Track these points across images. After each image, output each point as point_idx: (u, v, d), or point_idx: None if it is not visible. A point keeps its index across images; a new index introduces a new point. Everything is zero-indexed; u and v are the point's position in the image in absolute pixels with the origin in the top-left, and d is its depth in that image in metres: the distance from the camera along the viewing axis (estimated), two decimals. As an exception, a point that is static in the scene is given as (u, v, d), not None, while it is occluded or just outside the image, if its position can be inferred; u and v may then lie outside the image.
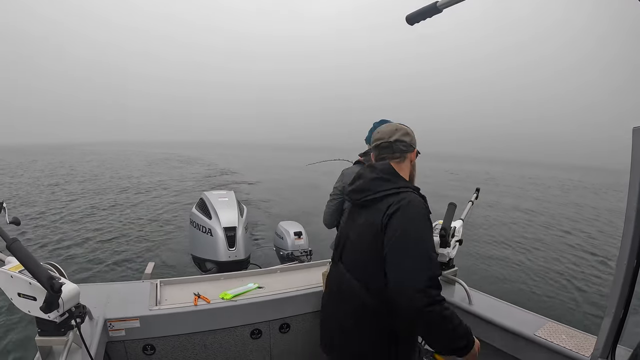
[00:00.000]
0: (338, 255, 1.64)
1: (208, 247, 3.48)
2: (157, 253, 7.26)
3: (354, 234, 1.54)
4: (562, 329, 1.96)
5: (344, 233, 1.64)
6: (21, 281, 1.45)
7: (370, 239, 1.42)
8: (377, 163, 1.59)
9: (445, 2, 1.11)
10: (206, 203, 3.71)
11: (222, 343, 2.36)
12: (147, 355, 2.21)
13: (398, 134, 1.59)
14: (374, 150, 1.64)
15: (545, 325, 2.00)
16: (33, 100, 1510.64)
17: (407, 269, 1.28)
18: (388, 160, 1.58)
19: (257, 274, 2.87)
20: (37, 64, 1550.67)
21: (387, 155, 1.59)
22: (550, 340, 1.85)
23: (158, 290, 2.42)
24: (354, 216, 1.60)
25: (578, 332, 1.92)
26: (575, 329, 1.96)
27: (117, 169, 24.73)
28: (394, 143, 1.58)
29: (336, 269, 1.65)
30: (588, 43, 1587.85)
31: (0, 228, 1.47)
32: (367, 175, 1.54)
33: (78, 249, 7.76)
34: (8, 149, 54.79)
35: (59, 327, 1.53)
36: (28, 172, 20.91)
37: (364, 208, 1.52)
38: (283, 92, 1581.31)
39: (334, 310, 1.65)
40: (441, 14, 1.18)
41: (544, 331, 1.93)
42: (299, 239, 3.72)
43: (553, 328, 1.96)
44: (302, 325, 2.59)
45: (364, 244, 1.47)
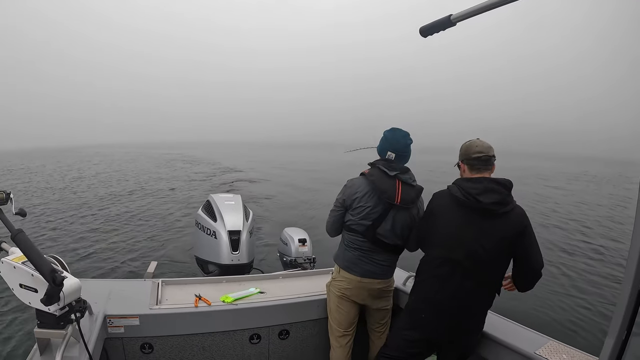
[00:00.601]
0: (462, 257, 1.83)
1: (212, 249, 3.47)
2: (161, 253, 7.27)
3: (487, 242, 1.79)
4: (563, 348, 1.94)
5: (467, 237, 1.82)
6: (24, 272, 1.45)
7: (506, 245, 1.79)
8: (503, 179, 1.84)
9: (459, 16, 1.11)
10: (212, 205, 3.71)
11: (221, 346, 2.35)
12: (145, 353, 2.20)
13: (493, 150, 1.90)
14: (473, 161, 1.89)
15: (546, 344, 1.97)
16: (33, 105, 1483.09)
17: (538, 257, 1.81)
18: (483, 172, 1.88)
19: (259, 278, 2.86)
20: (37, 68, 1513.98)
21: (483, 167, 1.88)
22: (551, 359, 1.83)
23: (159, 289, 2.42)
24: (480, 224, 1.81)
25: (579, 352, 1.90)
26: (576, 349, 1.94)
27: (124, 170, 24.92)
28: (492, 157, 1.88)
29: (453, 268, 1.86)
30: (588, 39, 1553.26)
31: (6, 218, 1.48)
32: (501, 190, 1.81)
33: (82, 243, 7.82)
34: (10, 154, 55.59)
35: (59, 321, 1.52)
36: (38, 176, 21.10)
37: (495, 218, 1.79)
38: (283, 92, 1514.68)
39: (458, 303, 1.88)
40: (455, 27, 1.18)
41: (545, 350, 1.91)
42: (303, 246, 3.70)
43: (554, 347, 1.94)
44: (301, 333, 2.56)
45: (496, 249, 1.80)
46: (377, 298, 2.39)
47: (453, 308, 1.89)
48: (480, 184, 1.82)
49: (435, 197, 2.01)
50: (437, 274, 1.90)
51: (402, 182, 2.19)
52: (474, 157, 1.88)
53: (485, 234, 1.79)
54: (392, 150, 2.20)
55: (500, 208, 1.78)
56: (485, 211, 1.79)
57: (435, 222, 1.93)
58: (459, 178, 1.96)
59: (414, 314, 2.02)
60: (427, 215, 2.04)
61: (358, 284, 2.30)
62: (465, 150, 1.94)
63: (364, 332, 2.57)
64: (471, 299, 1.88)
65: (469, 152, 1.91)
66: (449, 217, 1.88)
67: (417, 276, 2.07)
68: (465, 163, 1.93)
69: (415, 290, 2.07)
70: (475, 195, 1.79)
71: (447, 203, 1.90)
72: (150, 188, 16.29)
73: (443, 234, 1.89)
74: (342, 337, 2.41)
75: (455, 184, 1.91)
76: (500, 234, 1.79)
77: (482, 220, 1.80)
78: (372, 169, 2.25)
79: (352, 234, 2.27)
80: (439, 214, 1.92)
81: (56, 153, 54.31)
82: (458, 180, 1.94)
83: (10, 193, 1.53)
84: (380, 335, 2.51)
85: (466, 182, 1.87)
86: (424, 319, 1.95)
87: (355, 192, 2.21)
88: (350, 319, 2.40)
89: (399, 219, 2.22)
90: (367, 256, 2.27)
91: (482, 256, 1.80)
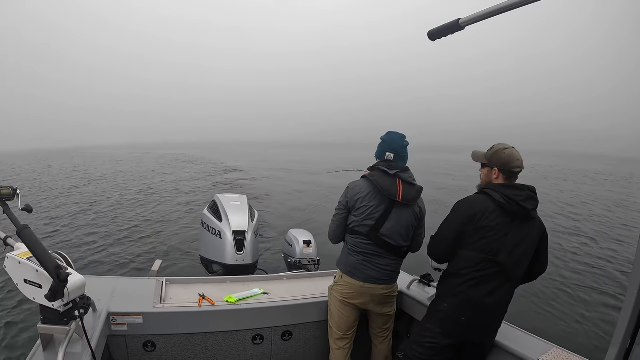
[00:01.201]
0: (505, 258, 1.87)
1: (216, 249, 3.47)
2: (166, 251, 7.29)
3: (524, 243, 1.90)
4: (566, 355, 1.93)
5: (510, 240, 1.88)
6: (28, 268, 1.46)
7: (534, 246, 1.93)
8: (532, 187, 1.93)
9: (467, 20, 1.11)
10: (218, 205, 3.71)
11: (223, 346, 2.35)
12: (148, 351, 2.20)
13: None
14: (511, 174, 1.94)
15: (549, 350, 1.96)
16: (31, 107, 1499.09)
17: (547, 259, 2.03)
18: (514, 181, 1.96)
19: (263, 279, 2.85)
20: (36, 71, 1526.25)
21: (513, 178, 1.95)
22: None
23: (163, 288, 2.42)
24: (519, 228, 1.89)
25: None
26: (580, 356, 1.93)
27: (129, 170, 25.07)
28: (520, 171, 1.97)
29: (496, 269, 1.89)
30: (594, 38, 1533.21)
31: (13, 214, 1.49)
32: (536, 197, 1.92)
33: (88, 240, 7.87)
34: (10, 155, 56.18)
35: (62, 317, 1.53)
36: (43, 177, 21.27)
37: (529, 222, 1.91)
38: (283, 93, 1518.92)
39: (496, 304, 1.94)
40: (463, 31, 1.17)
41: (548, 357, 1.90)
42: (307, 247, 3.70)
43: (557, 354, 1.93)
44: (304, 334, 2.56)
45: (530, 250, 1.93)
46: (380, 304, 2.37)
47: (492, 310, 1.94)
48: (523, 191, 1.90)
49: (473, 201, 1.98)
50: (479, 277, 1.90)
51: (402, 180, 2.22)
52: (515, 172, 1.94)
53: (523, 237, 1.90)
54: (390, 150, 2.26)
55: (535, 213, 1.92)
56: (526, 217, 1.89)
57: (482, 225, 1.90)
58: (494, 184, 1.96)
59: (450, 320, 1.97)
60: (463, 219, 1.96)
61: (360, 289, 2.29)
62: (506, 161, 1.94)
63: (365, 335, 2.56)
64: (506, 299, 1.96)
65: (510, 164, 1.93)
66: (491, 221, 1.88)
67: (452, 279, 2.00)
68: (504, 173, 1.96)
69: (450, 295, 2.00)
70: (520, 202, 1.86)
71: (488, 208, 1.90)
72: (156, 187, 16.38)
73: (487, 237, 1.89)
74: (340, 340, 2.41)
75: (495, 190, 1.91)
76: (533, 236, 1.93)
77: (521, 224, 1.89)
78: (372, 171, 2.28)
79: (356, 236, 2.26)
80: (482, 218, 1.90)
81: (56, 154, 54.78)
82: (496, 186, 1.93)
83: (17, 189, 1.54)
84: (382, 340, 2.51)
85: (508, 189, 1.90)
86: (464, 322, 1.93)
87: (358, 193, 2.23)
88: (350, 323, 2.40)
89: (401, 218, 2.23)
90: (370, 261, 2.26)
91: (519, 258, 1.90)
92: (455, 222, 1.99)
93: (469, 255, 1.94)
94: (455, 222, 1.99)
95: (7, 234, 1.61)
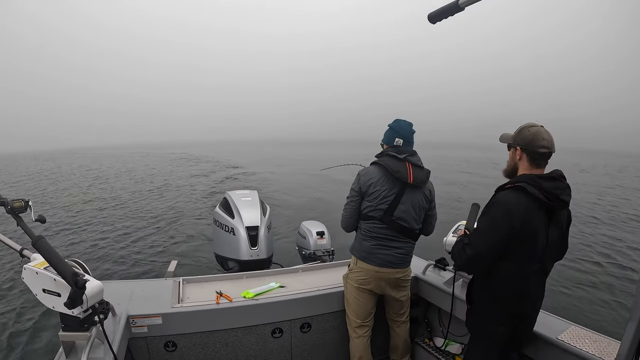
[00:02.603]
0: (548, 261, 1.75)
1: (230, 246, 3.50)
2: (181, 251, 7.36)
3: (558, 233, 1.74)
4: (585, 333, 1.91)
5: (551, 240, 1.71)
6: (46, 277, 1.48)
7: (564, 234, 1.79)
8: (561, 172, 1.73)
9: (467, 0, 1.08)
10: (229, 202, 3.73)
11: (243, 341, 2.36)
12: (169, 351, 2.23)
13: None
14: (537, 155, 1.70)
15: (568, 329, 1.95)
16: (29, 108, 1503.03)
17: None
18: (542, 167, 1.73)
19: (279, 273, 2.86)
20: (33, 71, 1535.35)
21: (544, 163, 1.73)
22: (573, 344, 1.80)
23: (180, 288, 2.44)
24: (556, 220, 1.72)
25: (601, 337, 1.87)
26: (599, 333, 1.91)
27: (136, 171, 25.31)
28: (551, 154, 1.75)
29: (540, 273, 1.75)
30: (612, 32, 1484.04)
31: (26, 225, 1.50)
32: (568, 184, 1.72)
33: (102, 246, 7.97)
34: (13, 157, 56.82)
35: (82, 323, 1.55)
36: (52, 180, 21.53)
37: (562, 212, 1.74)
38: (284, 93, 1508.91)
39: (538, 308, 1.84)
40: (463, 12, 1.15)
41: (566, 335, 1.88)
42: (321, 238, 3.70)
43: (576, 332, 1.91)
44: (323, 325, 2.57)
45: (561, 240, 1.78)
46: (395, 288, 2.39)
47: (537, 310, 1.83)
48: (561, 182, 1.69)
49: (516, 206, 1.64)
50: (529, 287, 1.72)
51: (412, 163, 2.25)
52: (541, 153, 1.68)
53: (558, 229, 1.74)
54: (399, 137, 2.29)
55: None
56: (562, 208, 1.72)
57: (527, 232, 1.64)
58: (531, 175, 1.69)
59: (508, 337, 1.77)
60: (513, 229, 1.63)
61: (375, 274, 2.31)
62: (530, 139, 1.69)
63: (383, 322, 2.56)
64: (543, 293, 1.82)
65: (535, 143, 1.68)
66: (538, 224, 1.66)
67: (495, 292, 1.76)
68: (527, 154, 1.71)
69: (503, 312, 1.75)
70: (560, 196, 1.65)
71: (533, 209, 1.64)
72: (166, 187, 16.50)
73: (535, 244, 1.66)
74: (359, 328, 2.43)
75: (529, 182, 1.65)
76: (565, 225, 1.79)
77: (557, 216, 1.72)
78: (382, 157, 2.31)
79: (370, 222, 2.29)
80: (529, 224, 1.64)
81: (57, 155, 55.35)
82: (533, 178, 1.66)
83: (29, 201, 1.55)
84: (400, 325, 2.52)
85: (547, 181, 1.66)
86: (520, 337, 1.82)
87: (371, 178, 2.26)
88: (367, 310, 2.42)
89: (414, 200, 2.27)
90: (384, 245, 2.28)
91: (554, 251, 1.78)
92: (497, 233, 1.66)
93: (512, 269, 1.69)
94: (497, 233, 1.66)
95: (22, 246, 1.63)
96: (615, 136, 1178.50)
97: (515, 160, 1.78)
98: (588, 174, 22.64)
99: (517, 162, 1.77)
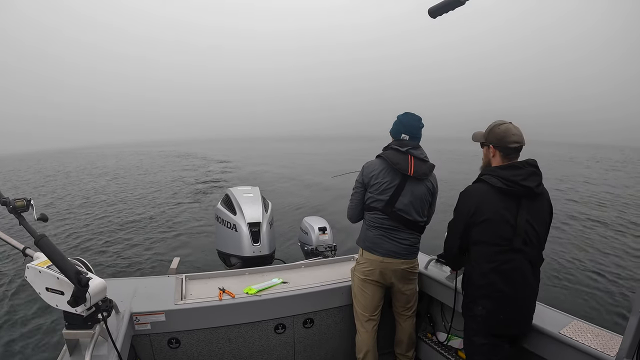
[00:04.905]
0: (520, 244, 1.77)
1: (233, 242, 3.49)
2: (183, 248, 7.39)
3: (536, 222, 1.80)
4: (587, 327, 1.91)
5: (520, 224, 1.77)
6: (49, 276, 1.48)
7: (547, 221, 1.85)
8: (533, 160, 1.84)
9: None
10: (231, 199, 3.73)
11: (246, 337, 2.38)
12: (172, 348, 2.24)
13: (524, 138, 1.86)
14: (509, 150, 1.83)
15: (570, 323, 1.95)
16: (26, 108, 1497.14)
17: None
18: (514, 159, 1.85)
19: (281, 269, 2.87)
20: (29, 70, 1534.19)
21: (515, 156, 1.86)
22: (575, 339, 1.80)
23: (183, 284, 2.45)
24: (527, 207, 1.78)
25: (604, 331, 1.87)
26: (601, 327, 1.91)
27: (136, 169, 25.38)
28: (521, 147, 1.85)
29: (515, 257, 1.78)
30: None
31: (29, 224, 1.50)
32: (538, 171, 1.82)
33: (105, 244, 8.02)
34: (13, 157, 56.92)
35: (86, 321, 1.55)
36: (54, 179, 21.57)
37: (537, 198, 1.81)
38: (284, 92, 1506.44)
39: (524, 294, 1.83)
40: (464, 6, 1.14)
41: (569, 330, 1.88)
42: (323, 234, 3.70)
43: (578, 327, 1.92)
44: (325, 321, 2.57)
45: (543, 227, 1.83)
46: (403, 279, 2.41)
47: (527, 298, 1.84)
48: (523, 169, 1.80)
49: (471, 193, 1.88)
50: (501, 269, 1.78)
51: (414, 157, 2.30)
52: (512, 148, 1.83)
53: (533, 215, 1.80)
54: (406, 132, 2.33)
55: (540, 188, 1.82)
56: (531, 194, 1.79)
57: (485, 218, 1.79)
58: (492, 167, 1.88)
59: (493, 320, 1.85)
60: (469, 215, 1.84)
61: (381, 264, 2.34)
62: (501, 136, 1.85)
63: (390, 316, 2.57)
64: (535, 283, 1.86)
65: (505, 140, 1.83)
66: (497, 209, 1.78)
67: (477, 281, 1.87)
68: (500, 150, 1.86)
69: (484, 295, 1.85)
70: (520, 182, 1.77)
71: (488, 195, 1.80)
72: (168, 185, 16.53)
73: (497, 228, 1.78)
74: (367, 322, 2.44)
75: (492, 174, 1.82)
76: (542, 212, 1.84)
77: (528, 203, 1.79)
78: (386, 150, 2.37)
79: (372, 212, 2.35)
80: (486, 209, 1.80)
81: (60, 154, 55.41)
82: (493, 169, 1.85)
83: (30, 200, 1.56)
84: (406, 319, 2.53)
85: (506, 170, 1.81)
86: (503, 320, 1.83)
87: (373, 171, 2.32)
88: (375, 303, 2.43)
89: (415, 192, 2.31)
90: (388, 235, 2.32)
91: (535, 238, 1.81)
92: (457, 221, 1.92)
93: (482, 251, 1.84)
94: (457, 221, 1.92)
95: (25, 245, 1.63)
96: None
97: (489, 157, 1.93)
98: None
99: (491, 158, 1.92)
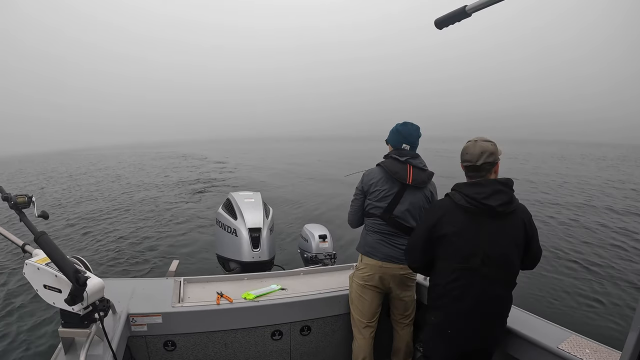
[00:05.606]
0: (478, 263, 1.75)
1: (232, 247, 3.49)
2: (182, 251, 7.36)
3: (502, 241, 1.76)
4: (585, 342, 1.90)
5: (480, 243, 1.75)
6: (47, 273, 1.48)
7: (518, 241, 1.79)
8: (505, 179, 1.80)
9: (474, 7, 1.08)
10: (232, 203, 3.73)
11: (243, 343, 2.36)
12: (168, 351, 2.23)
13: (496, 152, 1.80)
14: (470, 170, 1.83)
15: (568, 338, 1.93)
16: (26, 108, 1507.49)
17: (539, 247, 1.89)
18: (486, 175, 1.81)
19: (280, 275, 2.86)
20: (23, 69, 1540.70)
21: (486, 172, 1.80)
22: (573, 354, 1.79)
23: (181, 287, 2.44)
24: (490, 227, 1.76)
25: (602, 347, 1.85)
26: (600, 343, 1.90)
27: (138, 170, 25.42)
28: (481, 166, 1.79)
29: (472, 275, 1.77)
30: None
31: (29, 221, 1.50)
32: (506, 190, 1.77)
33: (104, 244, 7.99)
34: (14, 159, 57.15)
35: (82, 320, 1.55)
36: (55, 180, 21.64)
37: (504, 218, 1.76)
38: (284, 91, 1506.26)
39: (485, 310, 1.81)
40: (470, 18, 1.15)
41: (567, 344, 1.87)
42: (323, 242, 3.69)
43: (577, 342, 1.90)
44: (323, 328, 2.56)
45: (512, 247, 1.77)
46: (401, 285, 2.42)
47: (483, 315, 1.81)
48: (487, 187, 1.76)
49: (435, 207, 1.94)
50: (458, 286, 1.79)
51: (413, 166, 2.35)
52: (465, 166, 1.86)
53: (497, 235, 1.76)
54: (406, 142, 2.40)
55: (508, 208, 1.75)
56: (494, 213, 1.74)
57: (444, 233, 1.80)
58: (459, 183, 1.86)
59: (443, 332, 1.87)
60: (430, 227, 1.85)
61: (379, 269, 2.36)
62: (461, 155, 1.86)
63: (387, 324, 2.56)
64: (497, 303, 1.83)
65: (462, 158, 1.86)
66: (457, 226, 1.77)
67: (434, 291, 1.91)
68: (464, 168, 1.87)
69: (437, 306, 1.90)
70: (482, 200, 1.73)
71: (451, 211, 1.81)
72: (170, 187, 16.53)
73: (455, 245, 1.78)
74: (365, 329, 2.44)
75: (457, 190, 1.82)
76: (511, 232, 1.78)
77: (492, 222, 1.76)
78: (386, 159, 2.42)
79: (371, 218, 2.40)
80: (445, 224, 1.80)
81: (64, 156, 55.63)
82: (459, 185, 1.84)
83: (32, 196, 1.56)
84: (404, 327, 2.53)
85: (469, 187, 1.79)
86: (450, 335, 1.83)
87: (372, 179, 2.39)
88: (373, 309, 2.43)
89: (413, 200, 2.36)
90: (387, 240, 2.36)
91: (498, 258, 1.76)
92: (419, 231, 1.94)
93: (442, 266, 1.85)
94: (419, 231, 1.94)
95: (25, 241, 1.63)
96: None
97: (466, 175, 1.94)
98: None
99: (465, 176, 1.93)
